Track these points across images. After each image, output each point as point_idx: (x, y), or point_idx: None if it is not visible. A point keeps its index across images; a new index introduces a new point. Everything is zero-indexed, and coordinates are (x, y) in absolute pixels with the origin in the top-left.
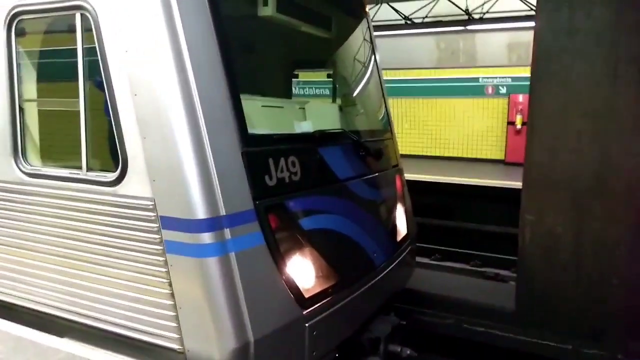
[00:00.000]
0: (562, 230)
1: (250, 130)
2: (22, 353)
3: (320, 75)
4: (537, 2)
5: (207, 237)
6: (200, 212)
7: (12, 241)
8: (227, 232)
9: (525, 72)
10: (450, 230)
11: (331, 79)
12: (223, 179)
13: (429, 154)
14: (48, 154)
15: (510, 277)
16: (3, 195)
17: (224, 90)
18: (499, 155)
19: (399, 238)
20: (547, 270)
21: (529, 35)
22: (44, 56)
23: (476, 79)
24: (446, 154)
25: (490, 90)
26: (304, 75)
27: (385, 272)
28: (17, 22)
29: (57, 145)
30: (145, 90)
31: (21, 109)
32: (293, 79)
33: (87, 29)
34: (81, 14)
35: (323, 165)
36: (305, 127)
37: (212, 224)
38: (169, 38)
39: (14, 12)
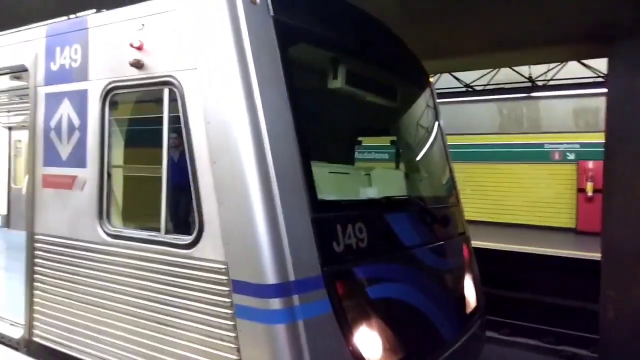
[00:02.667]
0: None
1: (319, 197)
2: None
3: (383, 141)
4: (608, 67)
5: (276, 303)
6: (271, 277)
7: (92, 300)
8: (296, 299)
9: (595, 139)
10: (519, 302)
11: (394, 145)
12: (293, 245)
13: (492, 220)
14: (129, 217)
15: (589, 358)
16: (87, 255)
17: (296, 158)
18: (568, 223)
19: (468, 310)
20: (634, 351)
21: (596, 101)
22: (132, 126)
23: (541, 145)
24: (511, 221)
25: (557, 156)
26: (366, 140)
27: (455, 346)
28: (111, 96)
29: (138, 208)
30: (223, 158)
31: (108, 175)
32: (362, 145)
33: (172, 103)
34: (169, 90)
35: (390, 232)
36: (371, 193)
37: (282, 289)
38: (247, 112)
39: (109, 87)
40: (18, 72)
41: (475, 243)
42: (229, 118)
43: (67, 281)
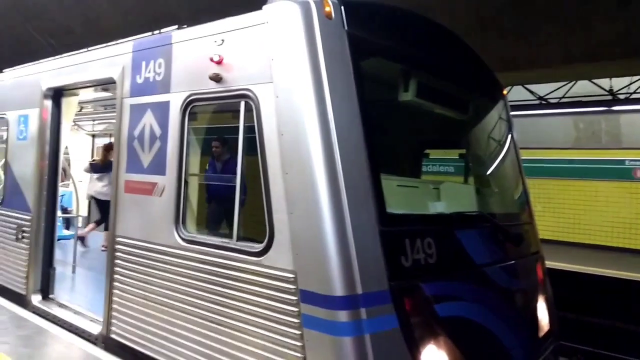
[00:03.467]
0: None
1: (389, 210)
2: None
3: (452, 154)
4: None
5: (343, 315)
6: (339, 289)
7: (165, 301)
8: (363, 312)
9: None
10: (597, 328)
11: (464, 158)
12: (361, 258)
13: (566, 239)
14: (204, 224)
15: None
16: (163, 258)
17: (366, 171)
18: None
19: (541, 333)
20: None
21: None
22: (209, 136)
23: (622, 162)
24: (587, 241)
25: (639, 174)
26: (445, 154)
27: None
28: (190, 107)
29: (213, 216)
30: (295, 169)
31: (186, 182)
32: (433, 159)
33: (248, 115)
34: (245, 102)
35: (459, 248)
36: (440, 207)
37: (349, 302)
38: (319, 123)
39: (189, 99)
40: (107, 84)
41: (551, 264)
42: (301, 130)
43: (144, 282)
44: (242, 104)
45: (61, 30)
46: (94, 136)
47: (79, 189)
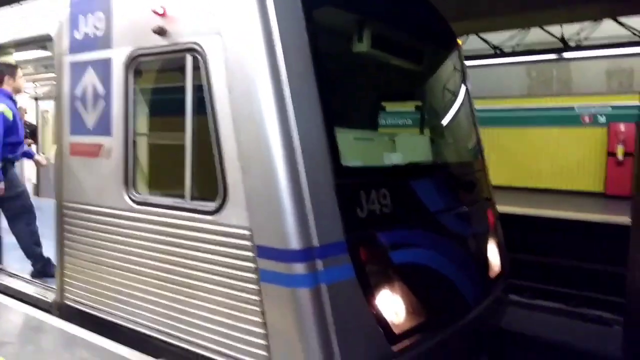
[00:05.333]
0: None
1: (343, 163)
2: None
3: (408, 106)
4: None
5: (300, 268)
6: (295, 242)
7: (119, 264)
8: (320, 264)
9: (628, 100)
10: (546, 266)
11: (420, 110)
12: (316, 211)
13: (519, 185)
14: (155, 184)
15: (615, 321)
16: (114, 221)
17: (320, 124)
18: (597, 187)
19: (492, 275)
20: None
21: (631, 62)
22: (156, 94)
23: (571, 108)
24: (538, 186)
25: (587, 120)
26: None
27: (479, 310)
28: (134, 64)
29: (163, 176)
30: (246, 125)
31: (134, 143)
32: (389, 110)
33: (196, 70)
34: (192, 56)
35: (414, 197)
36: (396, 159)
37: (305, 254)
38: (270, 77)
39: (132, 54)
40: (43, 41)
41: (502, 208)
42: (252, 84)
43: (96, 247)
44: (190, 58)
45: None
46: (37, 99)
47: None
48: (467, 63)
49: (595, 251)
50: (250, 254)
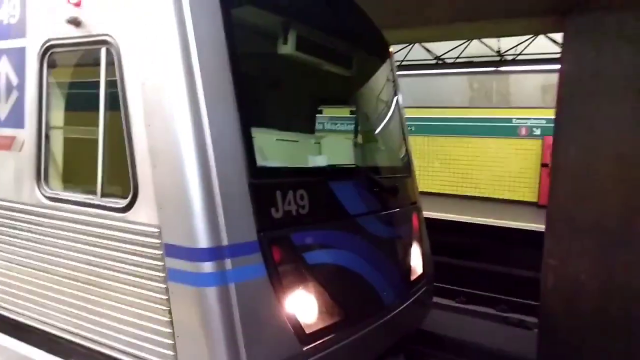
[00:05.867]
0: (586, 276)
1: (259, 163)
2: None
3: (344, 112)
4: (563, 45)
5: (207, 267)
6: (202, 240)
7: (28, 262)
8: (228, 263)
9: None
10: (478, 272)
11: (354, 115)
12: (228, 209)
13: (459, 193)
14: (68, 180)
15: (536, 325)
16: (25, 217)
17: (234, 123)
18: (531, 197)
19: (413, 277)
20: (570, 317)
21: None
22: (70, 87)
23: (509, 120)
24: (477, 194)
25: (524, 131)
26: (330, 112)
27: (396, 311)
28: (49, 55)
29: (76, 171)
30: (157, 121)
31: (47, 136)
32: (317, 115)
33: (110, 63)
34: (106, 49)
35: (333, 200)
36: (318, 161)
37: (213, 253)
38: (183, 72)
39: (47, 45)
40: None
41: (440, 215)
42: (163, 79)
43: (7, 244)
44: (103, 50)
45: None
46: None
47: None
48: (411, 72)
49: (523, 257)
50: (158, 252)
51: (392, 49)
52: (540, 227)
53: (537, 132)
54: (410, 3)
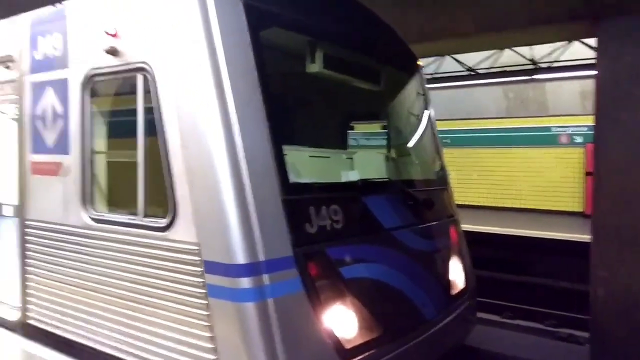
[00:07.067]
0: (638, 287)
1: (292, 179)
2: None
3: (376, 127)
4: (597, 50)
5: (245, 282)
6: (240, 257)
7: (78, 282)
8: (266, 278)
9: None
10: (524, 286)
11: (386, 130)
12: (263, 226)
13: (499, 205)
14: (111, 202)
15: (587, 339)
16: (73, 239)
17: (267, 142)
18: (576, 207)
19: (454, 291)
20: (623, 330)
21: None
22: (110, 113)
23: (548, 128)
24: (518, 205)
25: (564, 140)
26: (361, 127)
27: (438, 327)
28: (89, 84)
29: (119, 194)
30: (193, 143)
31: (90, 161)
32: (349, 131)
33: (146, 89)
34: (143, 76)
35: (367, 214)
36: (351, 176)
37: (251, 269)
38: (216, 95)
39: (87, 74)
40: (6, 62)
41: (479, 228)
42: (197, 103)
43: (57, 265)
44: (140, 78)
45: None
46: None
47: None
48: (443, 85)
49: (570, 269)
50: (198, 269)
51: (421, 62)
52: (587, 237)
53: (579, 139)
54: (434, 17)
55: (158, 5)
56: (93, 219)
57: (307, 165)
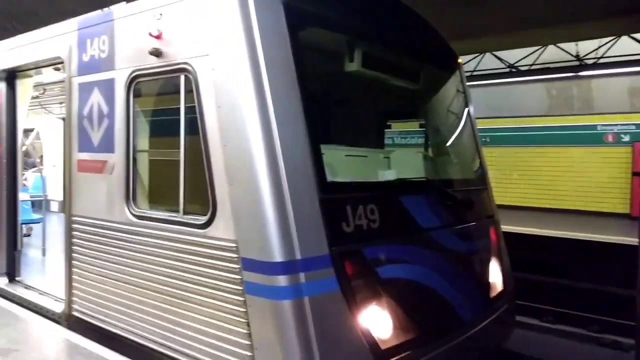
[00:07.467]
0: None
1: (330, 178)
2: None
3: (414, 126)
4: None
5: (282, 280)
6: (277, 255)
7: (120, 277)
8: (302, 276)
9: None
10: (566, 290)
11: (424, 129)
12: (300, 224)
13: (541, 205)
14: (153, 199)
15: (632, 346)
16: (117, 235)
17: (304, 141)
18: (622, 208)
19: (492, 294)
20: None
21: None
22: (153, 113)
23: (594, 127)
24: (561, 207)
25: (610, 139)
26: (399, 126)
27: (476, 329)
28: (134, 84)
29: (161, 191)
30: (232, 141)
31: (134, 160)
32: (386, 129)
33: (188, 89)
34: (185, 76)
35: (404, 213)
36: (388, 175)
37: (288, 267)
38: (255, 95)
39: (132, 75)
40: (56, 64)
41: (523, 229)
42: (237, 102)
43: (100, 259)
44: (182, 78)
45: (26, 13)
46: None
47: (52, 172)
48: (484, 82)
49: (615, 273)
50: (236, 266)
51: (461, 59)
52: (634, 240)
53: (626, 138)
54: (472, 14)
55: (200, 7)
56: (135, 216)
57: (344, 164)
